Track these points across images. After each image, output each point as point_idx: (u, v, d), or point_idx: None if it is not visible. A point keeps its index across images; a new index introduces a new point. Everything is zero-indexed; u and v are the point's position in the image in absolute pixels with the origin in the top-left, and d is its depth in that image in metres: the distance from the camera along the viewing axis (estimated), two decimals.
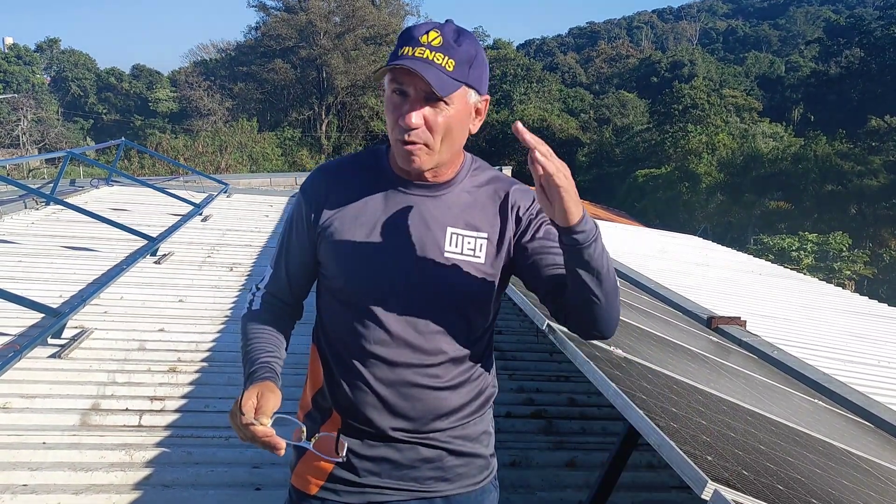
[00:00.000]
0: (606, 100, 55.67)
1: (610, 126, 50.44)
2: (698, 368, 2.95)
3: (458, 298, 1.50)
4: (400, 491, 1.56)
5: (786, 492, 1.54)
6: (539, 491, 2.90)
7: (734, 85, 52.95)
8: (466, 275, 1.49)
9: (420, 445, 1.54)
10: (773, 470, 1.69)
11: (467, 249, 1.50)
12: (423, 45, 1.39)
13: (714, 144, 38.29)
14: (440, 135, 1.42)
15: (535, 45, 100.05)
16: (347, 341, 1.52)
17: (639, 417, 1.67)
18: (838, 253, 25.99)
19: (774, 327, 5.83)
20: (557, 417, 3.77)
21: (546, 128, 46.09)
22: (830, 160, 33.76)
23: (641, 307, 4.69)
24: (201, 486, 2.88)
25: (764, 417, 2.37)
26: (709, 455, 1.55)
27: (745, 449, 1.78)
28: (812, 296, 8.60)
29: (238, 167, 31.75)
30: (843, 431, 2.87)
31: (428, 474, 1.56)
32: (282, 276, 1.63)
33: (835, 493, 1.73)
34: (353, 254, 1.50)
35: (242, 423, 1.34)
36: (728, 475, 1.45)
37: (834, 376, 4.25)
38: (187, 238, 7.49)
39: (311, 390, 1.62)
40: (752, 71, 64.95)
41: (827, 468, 1.99)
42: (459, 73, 1.40)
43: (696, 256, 10.61)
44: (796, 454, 2.00)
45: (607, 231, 11.71)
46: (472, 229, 1.51)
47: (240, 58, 50.53)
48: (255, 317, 1.61)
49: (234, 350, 4.28)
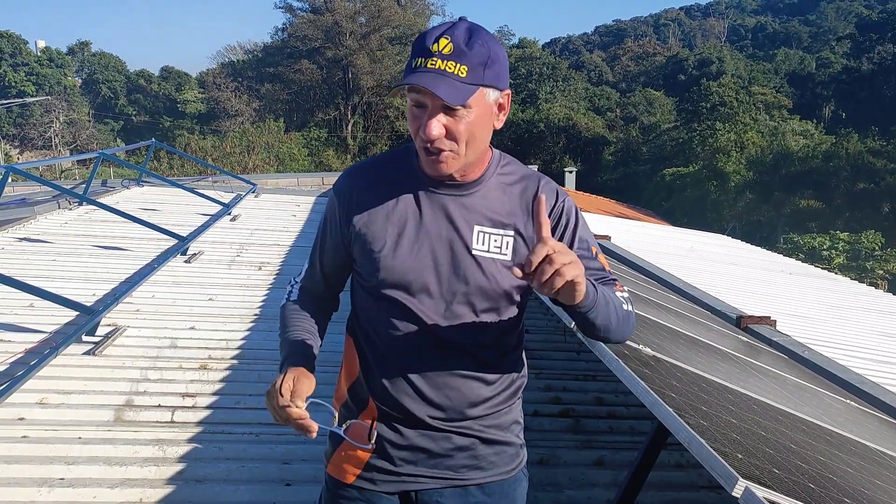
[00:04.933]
0: (633, 98, 55.24)
1: (637, 124, 50.05)
2: (728, 367, 2.93)
3: (486, 294, 1.53)
4: (435, 479, 1.60)
5: (818, 490, 1.53)
6: (567, 489, 2.90)
7: (763, 82, 52.26)
8: (494, 272, 1.52)
9: (454, 434, 1.58)
10: (805, 469, 1.68)
11: (494, 247, 1.53)
12: (435, 54, 1.39)
13: (743, 142, 37.83)
14: (463, 140, 1.44)
15: (561, 44, 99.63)
16: (383, 334, 1.56)
17: (668, 415, 1.67)
18: (871, 252, 25.54)
19: (805, 327, 5.76)
20: (585, 416, 3.77)
21: (572, 126, 45.90)
22: (863, 158, 33.19)
23: (670, 306, 4.66)
24: (232, 481, 2.93)
25: (795, 417, 2.35)
26: (739, 453, 1.54)
27: (775, 447, 1.77)
28: (843, 295, 8.47)
29: (265, 167, 32.01)
30: (875, 432, 2.84)
31: (462, 462, 1.60)
32: (317, 272, 1.70)
33: (868, 493, 1.72)
34: (385, 252, 1.53)
35: (279, 404, 1.41)
36: (759, 473, 1.45)
37: (866, 377, 4.19)
38: (216, 237, 7.58)
39: (346, 381, 1.66)
40: (782, 68, 64.04)
41: (860, 468, 1.97)
42: (474, 76, 1.40)
43: (725, 255, 10.51)
44: (828, 454, 1.99)
45: (635, 230, 11.64)
46: (500, 227, 1.54)
47: (266, 59, 50.95)
48: (292, 307, 1.69)
49: (264, 348, 4.34)
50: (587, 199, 24.98)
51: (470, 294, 1.52)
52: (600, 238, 7.79)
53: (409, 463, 1.59)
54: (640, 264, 6.85)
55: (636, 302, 3.95)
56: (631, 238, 9.54)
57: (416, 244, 1.52)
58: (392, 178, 1.58)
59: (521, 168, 1.62)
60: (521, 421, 1.71)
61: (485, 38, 1.42)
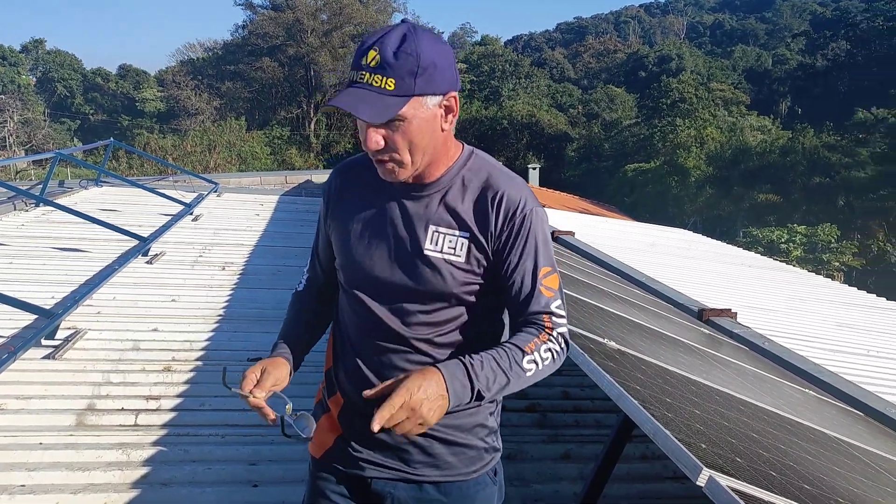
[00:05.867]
0: (595, 94, 55.73)
1: (599, 121, 50.52)
2: (691, 360, 2.98)
3: (437, 294, 1.54)
4: (388, 469, 1.62)
5: (779, 478, 1.57)
6: (534, 484, 2.93)
7: (722, 78, 53.16)
8: (445, 272, 1.53)
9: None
10: (766, 457, 1.72)
11: (447, 248, 1.53)
12: (364, 67, 1.39)
13: (702, 138, 38.43)
14: (405, 150, 1.45)
15: (523, 41, 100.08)
16: (347, 326, 1.64)
17: (634, 407, 1.69)
18: (827, 244, 26.17)
19: (765, 319, 5.87)
20: (551, 411, 3.80)
21: (535, 123, 46.16)
22: (818, 152, 33.96)
23: (634, 300, 4.72)
24: (198, 483, 2.90)
25: (756, 407, 2.40)
26: (703, 443, 1.57)
27: (738, 437, 1.81)
28: (801, 287, 8.66)
29: (227, 166, 31.67)
30: (833, 420, 2.91)
31: (416, 458, 1.61)
32: (316, 264, 1.78)
33: (826, 479, 1.77)
34: (348, 249, 1.60)
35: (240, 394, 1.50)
36: (722, 462, 1.48)
37: (824, 366, 4.29)
38: (178, 238, 7.48)
39: (325, 367, 1.74)
40: (740, 64, 65.17)
41: (819, 455, 2.02)
42: (403, 87, 1.39)
43: (687, 250, 10.67)
44: (788, 442, 2.03)
45: (599, 226, 11.76)
46: (454, 228, 1.54)
47: (227, 56, 50.34)
48: (297, 298, 1.78)
49: (228, 349, 4.29)
50: (551, 195, 25.15)
51: (421, 293, 1.54)
52: (564, 234, 7.86)
53: (367, 450, 1.63)
54: (603, 259, 6.92)
55: (600, 297, 4.00)
56: (594, 233, 9.63)
57: (373, 241, 1.57)
58: (367, 176, 1.61)
59: (488, 168, 1.58)
60: (491, 425, 1.68)
61: (416, 45, 1.39)
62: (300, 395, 1.70)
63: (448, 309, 1.56)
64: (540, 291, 1.55)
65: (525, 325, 1.54)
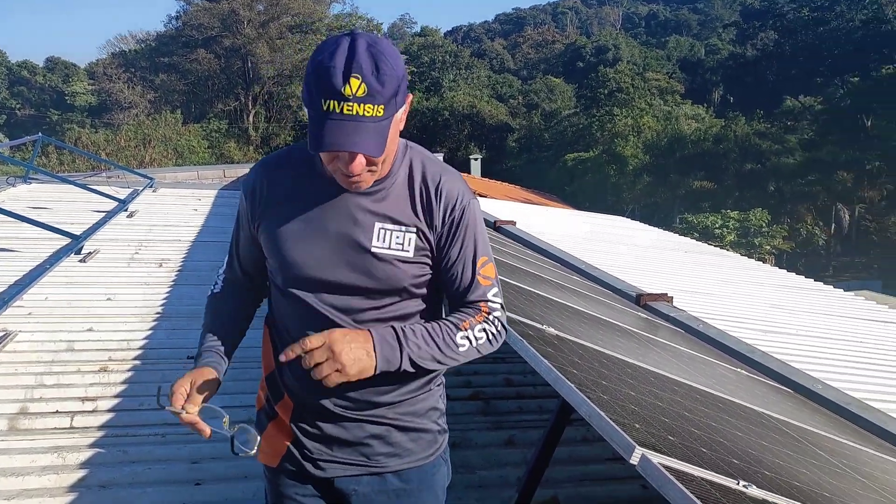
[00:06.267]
0: (534, 85, 56.25)
1: (539, 111, 51.02)
2: (627, 343, 3.06)
3: (386, 290, 1.55)
4: (351, 466, 1.62)
5: (709, 453, 1.63)
6: (479, 470, 2.97)
7: (657, 68, 54.22)
8: (394, 269, 1.53)
9: (366, 422, 1.60)
10: (698, 434, 1.79)
11: (395, 244, 1.53)
12: (349, 98, 1.34)
13: (639, 127, 39.21)
14: (382, 161, 1.46)
15: (463, 32, 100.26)
16: (291, 328, 1.59)
17: (570, 391, 1.73)
18: (758, 229, 27.07)
19: (700, 302, 6.04)
20: (494, 398, 3.85)
21: (476, 114, 46.31)
22: (749, 140, 35.02)
23: (574, 287, 4.80)
24: (139, 484, 2.85)
25: (689, 387, 2.48)
26: (637, 423, 1.63)
27: (671, 416, 1.87)
28: (735, 271, 8.93)
29: (163, 161, 30.88)
30: (763, 397, 3.03)
31: (378, 450, 1.62)
32: (235, 265, 1.72)
33: (754, 453, 1.84)
34: (287, 249, 1.55)
35: (171, 410, 1.46)
36: (655, 441, 1.53)
37: (756, 346, 4.45)
38: (113, 235, 7.28)
39: (265, 372, 1.69)
40: (674, 54, 66.60)
41: (748, 431, 2.10)
42: (389, 110, 1.39)
43: (625, 237, 10.89)
44: (720, 419, 2.11)
45: (540, 215, 11.90)
46: (400, 224, 1.54)
47: (160, 48, 49.01)
48: (214, 300, 1.72)
49: (167, 347, 4.21)
50: (493, 185, 25.31)
51: (371, 290, 1.54)
52: (506, 223, 7.93)
53: (325, 451, 1.62)
54: (544, 248, 7.01)
55: (540, 285, 4.05)
56: (536, 222, 9.74)
57: (316, 241, 1.53)
58: (298, 172, 1.58)
59: (424, 159, 1.61)
60: (441, 408, 1.73)
61: (390, 63, 1.37)
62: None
63: (399, 303, 1.57)
64: (478, 281, 1.62)
65: (463, 309, 1.61)
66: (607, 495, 2.92)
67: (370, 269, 1.53)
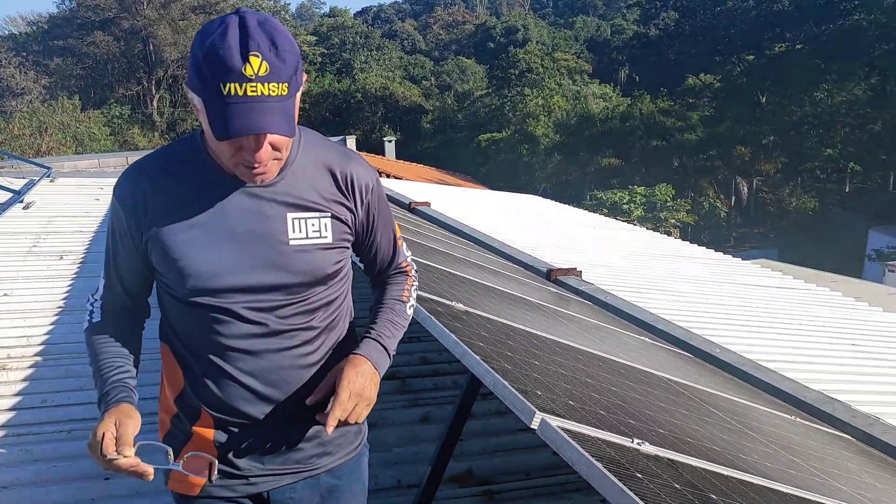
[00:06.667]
0: (446, 66, 56.37)
1: (451, 92, 51.17)
2: (536, 317, 3.15)
3: (311, 283, 1.49)
4: (286, 475, 1.57)
5: (607, 416, 1.71)
6: (396, 448, 3.01)
7: (565, 48, 55.20)
8: (317, 258, 1.48)
9: (298, 428, 1.55)
10: (598, 398, 1.87)
11: (313, 232, 1.48)
12: (252, 79, 1.25)
13: (550, 107, 39.89)
14: (287, 146, 1.38)
15: (373, 13, 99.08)
16: (204, 341, 1.47)
17: (476, 363, 1.79)
18: (663, 203, 28.06)
19: (608, 275, 6.25)
20: (411, 377, 3.90)
21: (389, 96, 46.08)
22: (654, 118, 36.16)
23: (486, 265, 4.89)
24: (43, 483, 2.76)
25: (593, 355, 2.59)
26: (539, 390, 1.69)
27: (573, 383, 1.95)
28: (642, 244, 9.26)
29: (61, 149, 29.44)
30: (665, 362, 3.18)
31: (311, 452, 1.58)
32: (115, 285, 1.55)
33: (651, 413, 1.94)
34: (190, 259, 1.42)
35: (106, 458, 1.30)
36: (555, 406, 1.60)
37: (660, 315, 4.65)
38: (8, 228, 6.94)
39: (171, 392, 1.56)
40: (581, 34, 67.83)
41: (646, 394, 2.21)
42: (293, 87, 1.31)
43: (538, 215, 11.11)
44: (620, 384, 2.21)
45: (454, 196, 11.99)
46: (314, 210, 1.48)
47: (54, 31, 46.52)
48: (97, 330, 1.54)
49: (70, 342, 4.07)
50: (407, 167, 25.29)
51: (293, 285, 1.47)
52: (420, 205, 7.97)
53: (256, 464, 1.54)
54: (458, 227, 7.09)
55: (453, 263, 4.11)
56: (450, 203, 9.82)
57: (225, 245, 1.43)
58: (183, 173, 1.45)
59: (322, 143, 1.55)
60: None
61: (285, 37, 1.29)
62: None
63: (322, 292, 1.52)
64: (398, 250, 1.72)
65: (392, 276, 1.72)
66: (520, 464, 3.01)
67: (290, 263, 1.46)
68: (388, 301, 1.68)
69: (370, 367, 1.52)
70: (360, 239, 1.60)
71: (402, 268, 1.73)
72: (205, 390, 1.49)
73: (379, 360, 1.56)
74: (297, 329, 1.50)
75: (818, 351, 4.58)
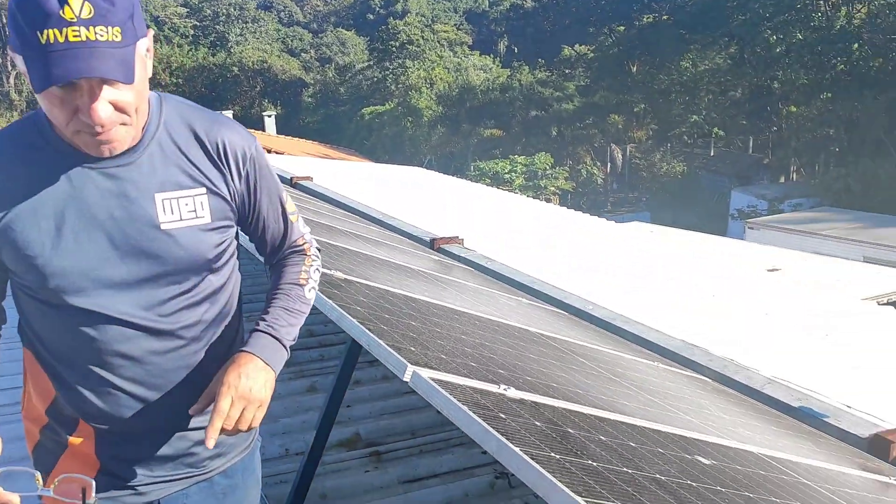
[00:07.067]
0: (326, 38, 55.38)
1: (332, 65, 50.38)
2: (417, 283, 3.24)
3: (190, 269, 1.35)
4: (178, 481, 1.48)
5: (478, 367, 1.82)
6: (282, 418, 3.04)
7: (445, 20, 55.39)
8: (194, 241, 1.34)
9: (189, 431, 1.44)
10: (470, 352, 1.98)
11: (187, 212, 1.32)
12: (73, 22, 1.09)
13: (432, 79, 40.03)
14: (134, 109, 1.21)
15: None
16: (75, 346, 1.33)
17: (352, 325, 1.85)
18: (543, 171, 28.91)
19: (491, 243, 6.45)
20: (296, 349, 3.91)
21: (268, 69, 44.88)
22: (533, 88, 37.00)
23: (370, 237, 4.94)
24: None
25: (470, 315, 2.70)
26: (413, 347, 1.78)
27: (447, 340, 2.06)
28: (523, 211, 9.57)
29: None
30: (539, 320, 3.35)
31: (203, 455, 1.48)
32: None
33: (521, 364, 2.08)
34: (47, 255, 1.26)
35: None
36: (428, 360, 1.69)
37: (537, 277, 4.86)
38: None
39: (41, 402, 1.42)
40: (460, 6, 68.11)
41: (517, 347, 2.35)
42: (127, 35, 1.14)
43: (421, 186, 11.23)
44: (492, 339, 2.34)
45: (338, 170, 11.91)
46: (185, 188, 1.32)
47: None
48: None
49: None
50: (289, 142, 24.80)
51: (170, 274, 1.32)
52: (302, 179, 7.90)
53: (144, 472, 1.43)
54: (342, 201, 7.10)
55: (335, 236, 4.14)
56: (334, 177, 9.76)
57: (84, 235, 1.26)
58: (29, 159, 1.27)
59: (192, 110, 1.38)
60: None
61: None
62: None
63: (204, 280, 1.38)
64: (290, 224, 1.55)
65: (288, 255, 1.57)
66: (406, 425, 3.11)
67: (164, 249, 1.30)
68: (283, 286, 1.51)
69: (259, 363, 1.36)
70: (243, 216, 1.44)
71: (298, 246, 1.56)
72: (81, 400, 1.35)
73: (271, 356, 1.39)
74: (182, 326, 1.37)
75: (682, 303, 4.94)
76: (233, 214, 1.41)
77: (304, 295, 1.52)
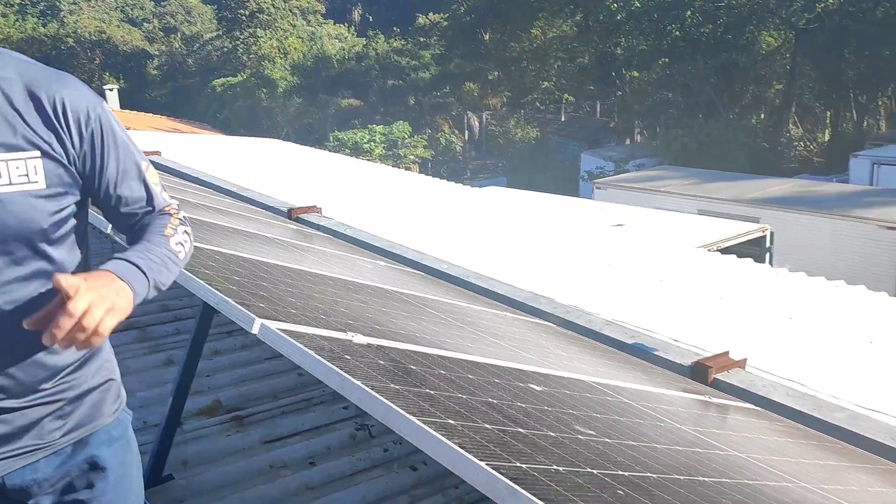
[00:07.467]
0: (169, 7, 52.48)
1: (178, 35, 47.92)
2: (271, 249, 3.26)
3: (25, 238, 1.26)
4: (23, 455, 1.37)
5: (327, 319, 1.91)
6: (138, 392, 3.00)
7: None
8: (26, 207, 1.25)
9: (29, 408, 1.35)
10: (321, 307, 2.06)
11: (18, 176, 1.23)
12: None
13: (286, 49, 39.03)
14: None
15: None
16: None
17: (200, 287, 1.88)
18: (402, 140, 29.08)
19: (349, 211, 6.50)
20: (150, 325, 3.85)
21: (107, 40, 42.12)
22: (390, 57, 36.91)
23: (223, 209, 4.87)
24: None
25: (324, 276, 2.78)
26: (262, 303, 1.83)
27: (297, 297, 2.12)
28: (382, 180, 9.64)
29: None
30: (395, 280, 3.47)
31: (50, 426, 1.39)
32: None
33: (371, 316, 2.18)
34: None
35: None
36: (277, 314, 1.76)
37: (396, 241, 4.98)
38: None
39: None
40: None
41: (369, 302, 2.45)
42: None
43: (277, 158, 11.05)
44: (346, 296, 2.43)
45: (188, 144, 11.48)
46: (17, 150, 1.24)
47: None
48: None
49: None
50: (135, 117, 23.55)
51: (5, 245, 1.24)
52: (150, 154, 7.59)
53: None
54: (194, 175, 6.90)
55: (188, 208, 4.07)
56: (184, 151, 9.42)
57: None
58: None
59: (28, 65, 1.30)
60: (112, 357, 1.55)
61: None
62: None
63: (39, 255, 1.29)
64: (152, 190, 1.45)
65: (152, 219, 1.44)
66: (267, 389, 3.16)
67: None
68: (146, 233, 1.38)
69: (112, 277, 1.22)
70: (90, 183, 1.34)
71: (163, 211, 1.46)
72: None
73: (127, 273, 1.25)
74: (10, 302, 1.27)
75: (533, 260, 5.22)
76: (72, 181, 1.31)
77: (166, 243, 1.37)
